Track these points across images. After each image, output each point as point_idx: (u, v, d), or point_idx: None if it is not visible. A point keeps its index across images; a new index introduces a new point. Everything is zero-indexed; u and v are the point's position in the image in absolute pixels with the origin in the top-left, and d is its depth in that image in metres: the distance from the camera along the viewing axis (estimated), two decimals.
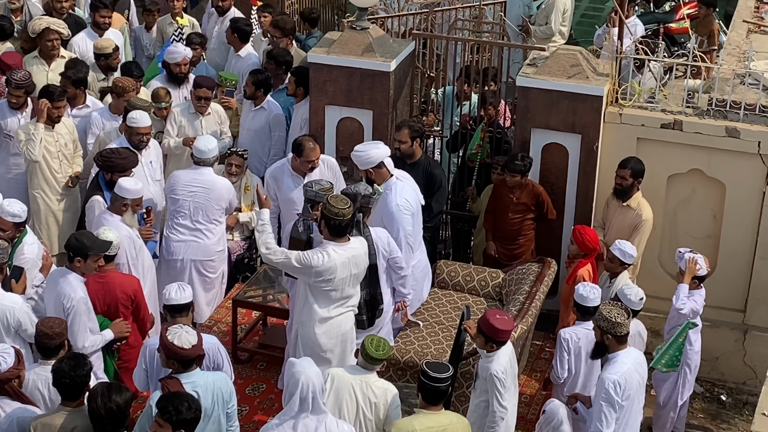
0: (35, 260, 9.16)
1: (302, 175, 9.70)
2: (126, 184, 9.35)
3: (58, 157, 10.31)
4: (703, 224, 10.22)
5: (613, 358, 7.74)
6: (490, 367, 7.63)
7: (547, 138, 10.07)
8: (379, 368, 7.67)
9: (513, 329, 7.95)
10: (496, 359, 7.65)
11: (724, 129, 9.76)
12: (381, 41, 10.47)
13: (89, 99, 11.07)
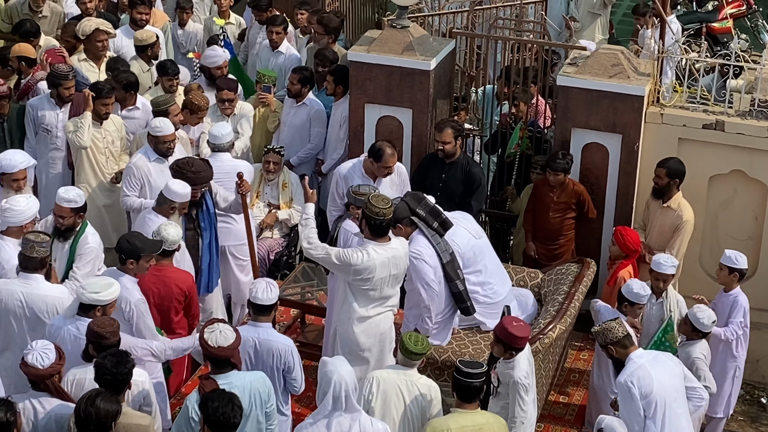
0: (98, 250, 9.24)
1: (374, 178, 9.72)
2: (175, 188, 9.37)
3: (104, 153, 10.41)
4: (744, 226, 10.20)
5: (626, 362, 7.77)
6: (513, 374, 7.70)
7: (588, 138, 10.09)
8: (419, 364, 7.66)
9: (529, 334, 7.92)
10: (517, 365, 7.72)
11: (766, 130, 9.75)
12: (421, 40, 10.49)
13: (139, 100, 11.07)
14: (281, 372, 8.01)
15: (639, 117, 9.89)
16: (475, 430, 7.11)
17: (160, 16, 13.07)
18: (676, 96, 10.28)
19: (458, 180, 9.89)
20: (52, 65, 10.94)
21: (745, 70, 10.34)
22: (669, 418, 7.75)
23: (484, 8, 11.74)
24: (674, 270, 9.00)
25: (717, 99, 10.15)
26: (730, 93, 10.14)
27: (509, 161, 11.08)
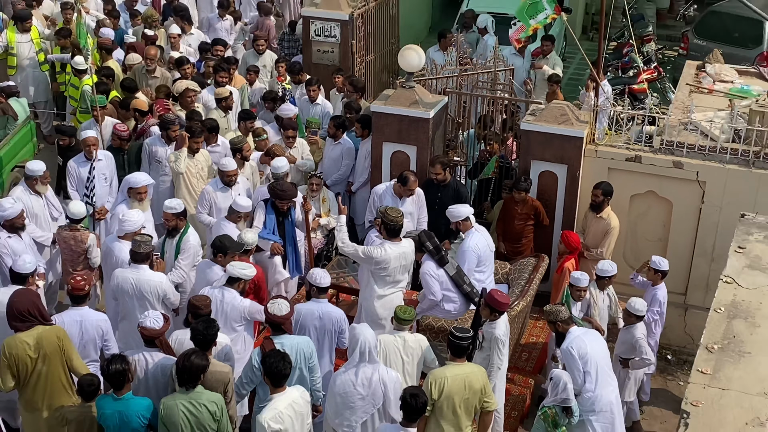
0: (197, 246, 9.25)
1: (400, 197, 9.67)
2: (241, 202, 9.46)
3: (195, 177, 10.41)
4: (655, 231, 10.24)
5: (566, 335, 7.79)
6: (494, 332, 7.80)
7: (543, 167, 10.10)
8: (408, 328, 7.68)
9: (510, 304, 8.06)
10: (498, 326, 7.83)
11: (671, 162, 9.79)
12: (423, 96, 10.49)
13: (220, 139, 11.00)
14: (336, 333, 8.07)
15: (579, 152, 9.91)
16: (464, 376, 7.11)
17: (239, 79, 13.01)
18: (607, 137, 10.32)
19: (450, 197, 9.86)
20: (161, 115, 10.96)
21: (657, 119, 10.34)
22: (599, 372, 7.74)
23: (468, 74, 11.74)
24: (615, 271, 8.98)
25: (636, 140, 10.18)
26: (646, 135, 10.15)
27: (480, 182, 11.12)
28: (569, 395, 7.68)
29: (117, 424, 6.86)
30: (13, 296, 7.56)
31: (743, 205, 8.94)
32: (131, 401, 6.87)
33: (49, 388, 7.41)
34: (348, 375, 7.09)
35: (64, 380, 7.46)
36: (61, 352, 7.35)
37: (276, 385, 6.82)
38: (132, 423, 6.84)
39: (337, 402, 7.17)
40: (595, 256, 9.70)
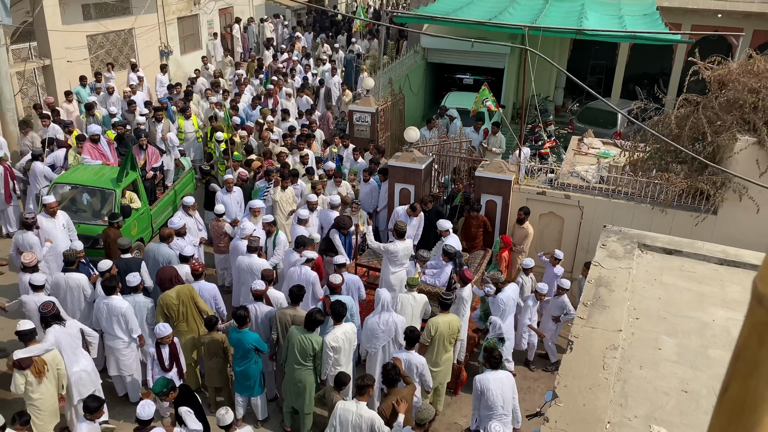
0: (285, 242, 9.07)
1: (410, 216, 9.53)
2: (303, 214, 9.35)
3: (285, 203, 10.27)
4: (554, 236, 10.25)
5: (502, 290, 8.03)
6: (462, 295, 7.82)
7: (488, 197, 10.11)
8: (415, 290, 7.72)
9: (472, 277, 8.08)
10: (465, 290, 7.86)
11: (563, 195, 9.93)
12: (418, 156, 10.57)
13: (299, 182, 10.79)
14: (357, 288, 8.10)
15: (509, 189, 9.96)
16: (448, 321, 7.27)
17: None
18: (526, 180, 10.40)
19: (433, 215, 9.83)
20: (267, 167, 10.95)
21: (555, 170, 10.54)
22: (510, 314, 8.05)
23: (445, 143, 11.87)
24: (533, 265, 9.09)
25: (543, 182, 10.33)
26: (548, 179, 10.34)
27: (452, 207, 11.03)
28: (503, 331, 7.95)
29: (236, 345, 6.96)
30: (160, 271, 7.69)
31: (605, 220, 9.01)
32: (246, 333, 6.96)
33: (188, 321, 7.46)
34: (374, 318, 7.23)
35: (196, 316, 7.49)
36: (191, 299, 7.41)
37: (336, 321, 6.91)
38: (245, 346, 6.93)
39: (367, 334, 7.25)
40: (519, 250, 9.75)
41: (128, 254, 8.22)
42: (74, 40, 15.73)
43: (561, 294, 8.72)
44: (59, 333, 6.56)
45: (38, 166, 10.66)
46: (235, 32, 22.21)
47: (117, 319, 7.19)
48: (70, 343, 6.70)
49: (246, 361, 7.06)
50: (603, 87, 20.79)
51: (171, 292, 7.34)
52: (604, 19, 15.79)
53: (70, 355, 6.71)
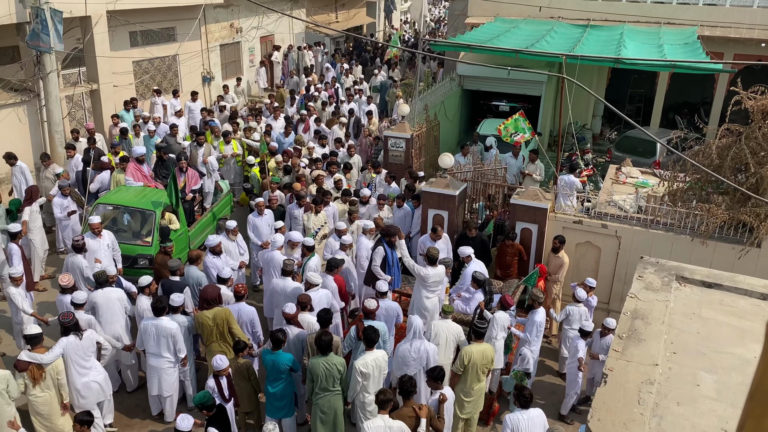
0: (317, 267, 8.98)
1: (434, 241, 9.41)
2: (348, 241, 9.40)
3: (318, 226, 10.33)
4: (590, 267, 10.09)
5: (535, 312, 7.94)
6: (495, 323, 7.72)
7: (523, 225, 10.03)
8: (450, 317, 7.64)
9: (513, 302, 8.01)
10: (497, 318, 7.75)
11: (600, 225, 9.80)
12: (452, 182, 10.54)
13: (331, 205, 10.89)
14: (393, 317, 8.02)
15: (545, 217, 9.87)
16: (482, 350, 7.13)
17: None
18: (562, 209, 10.32)
19: (477, 245, 9.74)
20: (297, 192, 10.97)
21: (591, 198, 10.43)
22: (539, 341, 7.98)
23: (479, 169, 11.88)
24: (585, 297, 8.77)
25: (580, 211, 10.25)
26: (585, 208, 10.25)
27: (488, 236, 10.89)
28: (530, 366, 7.83)
29: (272, 366, 6.98)
30: (205, 289, 7.67)
31: (643, 251, 8.89)
32: (280, 354, 6.98)
33: (220, 343, 7.50)
34: (405, 345, 7.20)
35: (228, 339, 7.51)
36: (226, 322, 7.46)
37: (368, 347, 6.87)
38: (280, 367, 6.95)
39: (398, 361, 7.22)
40: (554, 279, 9.65)
41: (176, 276, 8.36)
42: (121, 66, 16.30)
43: (606, 334, 8.21)
44: (69, 344, 6.84)
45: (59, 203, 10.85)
46: (275, 59, 22.72)
47: (166, 340, 7.38)
48: (82, 354, 6.97)
49: (279, 382, 7.07)
50: (642, 116, 20.55)
51: (208, 312, 7.42)
52: (643, 48, 15.68)
53: (80, 366, 6.99)
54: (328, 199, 10.92)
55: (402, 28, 37.83)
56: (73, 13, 13.74)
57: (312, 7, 26.04)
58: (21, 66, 13.81)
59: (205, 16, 18.96)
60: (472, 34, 17.39)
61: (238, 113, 16.70)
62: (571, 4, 19.53)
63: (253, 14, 21.78)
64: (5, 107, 13.03)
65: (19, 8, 12.62)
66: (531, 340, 8.00)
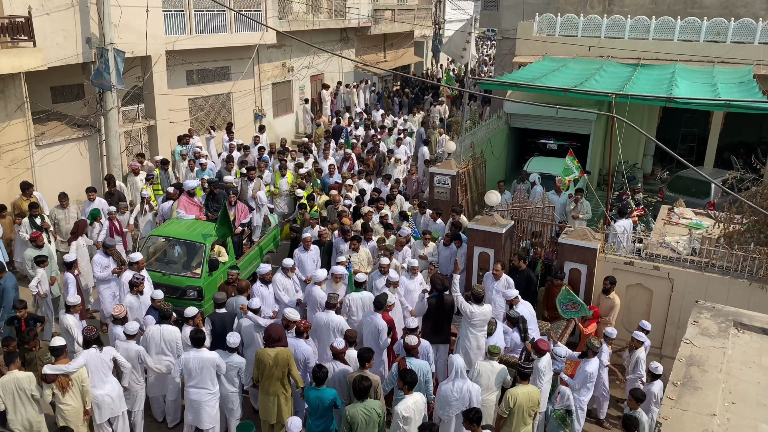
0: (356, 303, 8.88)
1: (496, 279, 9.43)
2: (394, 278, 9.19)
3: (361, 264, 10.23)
4: (642, 310, 9.85)
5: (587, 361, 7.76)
6: (538, 366, 7.53)
7: (572, 265, 9.88)
8: (496, 358, 7.51)
9: (548, 348, 7.66)
10: (542, 361, 7.57)
11: (652, 267, 9.60)
12: (499, 220, 10.49)
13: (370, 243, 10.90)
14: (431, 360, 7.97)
15: (594, 257, 9.71)
16: (528, 392, 7.02)
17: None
18: (612, 249, 10.14)
19: (524, 279, 9.74)
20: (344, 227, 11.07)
21: (643, 239, 10.23)
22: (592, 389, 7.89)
23: (525, 207, 11.80)
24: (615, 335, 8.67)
25: (630, 251, 10.05)
26: (636, 249, 10.03)
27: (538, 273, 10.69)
28: (571, 403, 7.63)
29: (316, 403, 6.94)
30: (270, 327, 7.52)
31: (698, 294, 8.68)
32: (325, 390, 6.95)
33: (276, 384, 7.43)
34: (448, 385, 7.12)
35: (285, 380, 7.45)
36: (286, 363, 7.38)
37: (408, 389, 6.80)
38: (325, 403, 6.91)
39: (440, 401, 7.13)
40: (605, 321, 9.43)
41: (223, 309, 8.44)
42: (177, 103, 16.97)
43: (653, 380, 8.02)
44: (90, 356, 7.26)
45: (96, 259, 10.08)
46: (324, 97, 23.24)
47: (208, 370, 7.42)
48: (100, 367, 7.34)
49: (324, 419, 7.03)
50: (695, 155, 20.08)
51: (271, 351, 7.33)
52: (696, 87, 15.43)
53: (97, 378, 7.35)
54: (370, 235, 10.95)
55: (449, 66, 38.30)
56: (135, 53, 14.45)
57: (361, 47, 26.68)
58: (84, 103, 14.52)
59: (259, 56, 19.63)
60: (519, 73, 17.45)
61: (287, 149, 17.04)
62: (621, 44, 19.43)
63: (304, 54, 22.44)
64: (69, 141, 13.69)
65: (85, 48, 13.34)
66: (580, 390, 7.81)
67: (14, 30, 11.63)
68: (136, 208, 12.42)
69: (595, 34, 19.77)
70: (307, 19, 21.81)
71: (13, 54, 11.44)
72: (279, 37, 19.47)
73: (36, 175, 12.89)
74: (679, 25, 18.82)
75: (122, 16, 13.62)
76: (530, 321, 8.73)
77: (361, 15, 24.97)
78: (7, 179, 12.31)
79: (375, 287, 9.45)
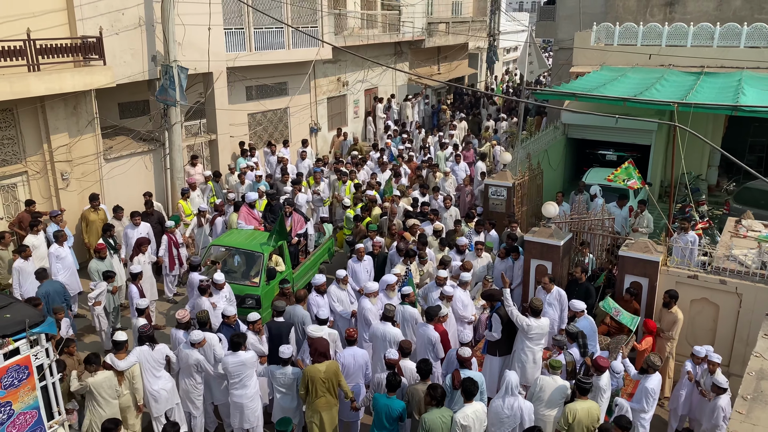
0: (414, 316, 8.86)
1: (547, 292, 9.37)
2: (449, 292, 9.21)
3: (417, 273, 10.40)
4: (708, 325, 9.55)
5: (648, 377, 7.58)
6: (599, 384, 7.40)
7: (632, 278, 9.70)
8: (558, 372, 7.39)
9: (608, 365, 7.49)
10: (602, 379, 7.44)
11: (718, 281, 9.30)
12: (557, 232, 10.41)
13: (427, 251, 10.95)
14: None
15: (656, 270, 9.53)
16: (588, 408, 6.94)
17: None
18: (675, 261, 9.89)
19: (582, 291, 9.68)
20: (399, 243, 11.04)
21: (709, 253, 9.92)
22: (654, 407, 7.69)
23: (583, 219, 11.60)
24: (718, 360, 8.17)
25: (695, 265, 9.77)
26: (701, 263, 9.74)
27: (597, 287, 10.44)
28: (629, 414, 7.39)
29: (385, 411, 7.00)
30: (318, 341, 7.59)
31: (767, 309, 8.35)
32: (394, 400, 7.03)
33: (327, 396, 7.47)
34: (499, 401, 7.06)
35: (334, 393, 7.53)
36: (336, 377, 7.45)
37: (467, 399, 6.80)
38: (393, 413, 6.98)
39: (492, 417, 7.06)
40: (667, 336, 9.19)
41: (281, 318, 8.62)
42: (237, 118, 17.50)
43: (718, 394, 7.74)
44: (142, 353, 7.71)
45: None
46: (378, 111, 23.49)
47: (249, 370, 7.62)
48: (153, 364, 7.76)
49: (389, 430, 7.07)
50: (764, 166, 19.30)
51: (320, 366, 7.41)
52: (765, 95, 14.86)
53: (150, 374, 7.76)
54: (423, 254, 10.77)
55: (504, 78, 38.08)
56: (197, 70, 15.01)
57: (415, 60, 26.85)
58: (150, 118, 15.15)
59: (315, 71, 20.05)
60: (577, 83, 17.20)
61: (341, 160, 17.29)
62: (683, 51, 18.91)
63: (359, 68, 22.78)
64: (135, 155, 14.31)
65: (151, 66, 13.96)
66: (645, 408, 7.63)
67: (86, 50, 12.29)
68: (193, 221, 12.84)
69: (656, 43, 19.33)
70: (362, 34, 22.14)
71: (86, 72, 12.09)
72: (334, 52, 19.84)
73: (104, 187, 13.51)
74: (746, 31, 18.19)
75: (186, 35, 14.19)
76: (590, 336, 8.56)
77: (415, 28, 25.17)
78: (78, 191, 12.96)
79: (431, 299, 9.47)
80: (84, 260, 12.04)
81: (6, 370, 5.92)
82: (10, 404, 6.02)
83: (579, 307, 8.73)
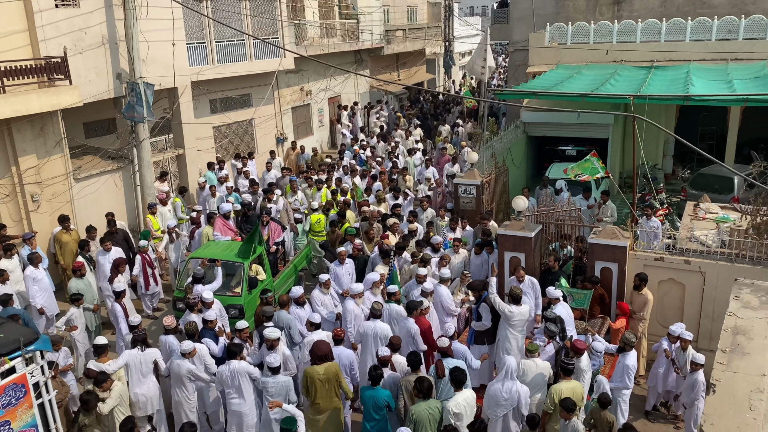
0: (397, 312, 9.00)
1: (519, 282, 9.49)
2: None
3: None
4: (675, 304, 9.94)
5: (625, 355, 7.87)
6: (579, 366, 7.60)
7: (602, 264, 10.01)
8: (536, 355, 7.56)
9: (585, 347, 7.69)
10: (582, 360, 7.64)
11: (683, 261, 9.70)
12: (527, 224, 10.67)
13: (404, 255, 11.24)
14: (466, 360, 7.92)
15: (624, 255, 9.84)
16: (571, 387, 7.12)
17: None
18: (641, 245, 10.27)
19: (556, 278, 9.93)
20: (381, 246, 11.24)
21: (672, 235, 10.36)
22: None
23: (551, 211, 11.90)
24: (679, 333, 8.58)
25: (659, 247, 10.18)
26: (665, 245, 10.16)
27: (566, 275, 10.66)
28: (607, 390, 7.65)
29: (371, 402, 7.13)
30: (317, 344, 7.57)
31: (730, 286, 8.73)
32: (379, 390, 7.13)
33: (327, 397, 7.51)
34: (498, 385, 7.20)
35: (336, 393, 7.57)
36: (336, 377, 7.49)
37: (457, 387, 6.96)
38: (379, 403, 7.09)
39: (489, 400, 7.22)
40: (639, 317, 9.53)
41: (270, 323, 8.62)
42: (203, 131, 17.47)
43: (696, 370, 8.09)
44: (131, 356, 7.87)
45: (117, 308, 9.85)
46: (343, 119, 23.68)
47: (245, 379, 7.63)
48: (140, 368, 7.89)
49: (378, 421, 7.22)
50: (714, 153, 20.12)
51: (319, 368, 7.41)
52: (712, 85, 15.61)
53: (136, 378, 7.89)
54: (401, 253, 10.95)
55: (465, 81, 38.76)
56: (162, 86, 14.97)
57: (375, 68, 27.19)
58: (117, 136, 15.04)
59: (278, 82, 20.16)
60: (535, 82, 17.75)
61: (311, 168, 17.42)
62: (633, 47, 19.67)
63: (321, 77, 22.99)
64: (104, 173, 14.18)
65: (116, 84, 13.89)
66: (628, 385, 7.95)
67: (51, 70, 12.18)
68: (165, 237, 12.79)
69: (607, 40, 20.06)
70: (323, 43, 22.35)
71: (51, 93, 11.98)
72: (296, 62, 19.99)
73: (75, 207, 13.36)
74: (690, 25, 19.04)
75: (149, 51, 14.16)
76: (567, 321, 8.81)
77: (374, 36, 25.50)
78: (49, 212, 12.77)
79: (411, 296, 9.67)
80: (58, 282, 11.88)
81: (3, 389, 5.92)
82: (8, 423, 6.02)
83: (555, 294, 8.98)
